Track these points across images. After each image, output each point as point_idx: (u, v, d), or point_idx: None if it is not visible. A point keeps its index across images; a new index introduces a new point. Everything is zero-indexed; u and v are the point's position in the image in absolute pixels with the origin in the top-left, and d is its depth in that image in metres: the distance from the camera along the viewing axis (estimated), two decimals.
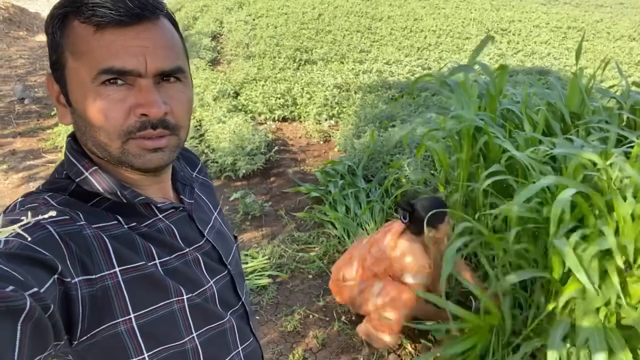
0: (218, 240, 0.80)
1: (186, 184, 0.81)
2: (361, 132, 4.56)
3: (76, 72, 0.61)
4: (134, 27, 0.60)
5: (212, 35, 8.58)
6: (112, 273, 0.60)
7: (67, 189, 0.65)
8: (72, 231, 0.58)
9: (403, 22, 11.12)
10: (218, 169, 3.98)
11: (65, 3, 0.61)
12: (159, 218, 0.71)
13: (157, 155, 0.65)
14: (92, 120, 0.62)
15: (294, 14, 10.88)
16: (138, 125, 0.62)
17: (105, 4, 0.58)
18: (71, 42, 0.61)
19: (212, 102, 5.00)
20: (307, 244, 3.25)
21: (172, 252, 0.69)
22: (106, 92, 0.60)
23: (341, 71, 6.56)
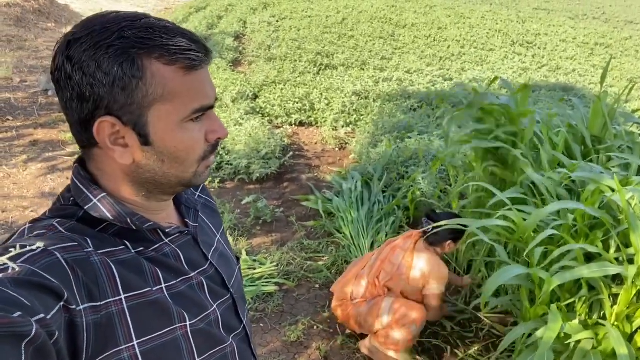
0: (221, 264, 0.81)
1: (190, 207, 0.82)
2: (377, 141, 4.53)
3: (167, 112, 0.64)
4: (205, 67, 0.67)
5: (235, 36, 8.64)
6: (117, 300, 0.61)
7: (74, 216, 0.66)
8: (79, 258, 0.59)
9: (427, 30, 11.05)
10: (232, 172, 3.99)
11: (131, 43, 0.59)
12: (165, 242, 0.72)
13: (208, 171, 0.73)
14: (180, 154, 0.67)
15: (318, 18, 10.90)
16: (210, 149, 0.70)
17: (191, 48, 0.63)
18: (158, 84, 0.62)
19: (230, 104, 5.02)
20: (317, 252, 3.24)
21: (178, 277, 0.70)
22: (191, 126, 0.66)
23: (361, 78, 6.54)
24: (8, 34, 7.77)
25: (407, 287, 2.27)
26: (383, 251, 2.40)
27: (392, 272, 2.29)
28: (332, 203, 3.54)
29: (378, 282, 2.31)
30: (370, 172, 3.91)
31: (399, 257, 2.31)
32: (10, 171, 4.00)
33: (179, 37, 0.63)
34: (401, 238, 2.43)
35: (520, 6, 17.61)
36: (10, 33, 7.77)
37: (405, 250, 2.32)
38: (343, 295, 2.39)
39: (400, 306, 2.21)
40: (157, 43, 0.61)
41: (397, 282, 2.28)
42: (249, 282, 2.87)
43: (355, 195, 3.61)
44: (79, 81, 0.60)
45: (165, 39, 0.61)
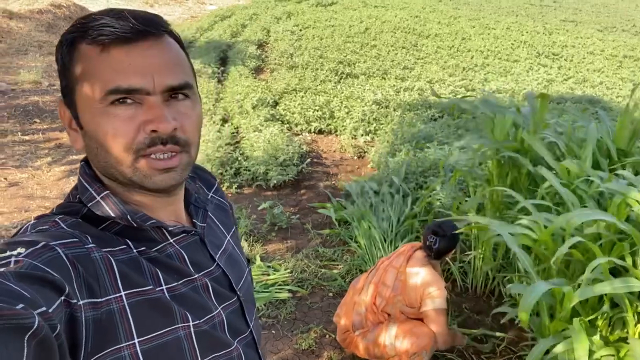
0: (229, 265, 0.79)
1: (200, 207, 0.80)
2: (396, 150, 4.49)
3: (85, 94, 0.61)
4: (139, 44, 0.61)
5: (258, 44, 8.74)
6: (118, 297, 0.60)
7: (78, 213, 0.65)
8: (80, 254, 0.58)
9: (450, 40, 10.98)
10: (250, 177, 4.01)
11: (73, 29, 0.62)
12: (169, 243, 0.70)
13: (169, 175, 0.65)
14: (103, 141, 0.62)
15: (341, 27, 10.95)
16: (148, 142, 0.62)
17: (110, 24, 0.59)
18: (79, 65, 0.62)
19: (250, 110, 5.06)
20: (331, 260, 3.21)
21: (180, 278, 0.68)
22: (115, 111, 0.61)
23: (382, 87, 6.52)
24: (39, 40, 8.02)
25: (405, 308, 2.17)
26: (376, 273, 2.30)
27: (387, 295, 2.19)
28: (347, 211, 3.51)
29: (376, 308, 2.21)
30: (388, 182, 3.88)
31: (391, 276, 2.22)
32: (34, 172, 4.10)
33: (105, 16, 0.60)
34: (394, 255, 2.34)
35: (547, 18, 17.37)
36: (42, 38, 8.03)
37: (397, 268, 2.23)
38: (345, 326, 2.30)
39: (405, 334, 2.10)
40: (89, 25, 0.60)
41: (393, 304, 2.18)
42: (262, 288, 2.86)
43: (371, 204, 3.57)
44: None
45: (94, 20, 0.60)
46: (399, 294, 2.17)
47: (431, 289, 2.11)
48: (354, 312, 2.28)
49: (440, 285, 2.12)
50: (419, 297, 2.13)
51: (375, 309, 2.22)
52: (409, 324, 2.15)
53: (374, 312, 2.22)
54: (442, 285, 2.13)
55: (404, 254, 2.28)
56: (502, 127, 2.72)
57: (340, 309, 2.39)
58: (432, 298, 2.11)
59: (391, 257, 2.34)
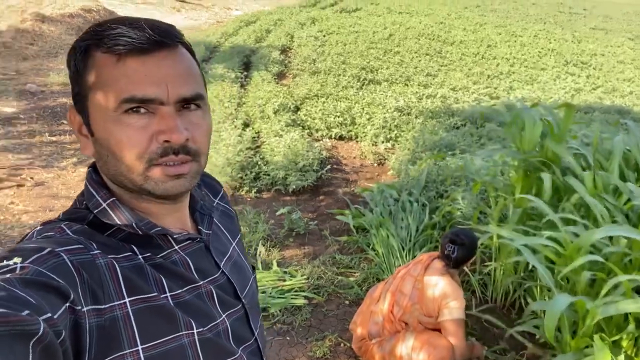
0: (234, 273, 0.79)
1: (205, 214, 0.80)
2: (417, 158, 4.44)
3: (99, 102, 0.62)
4: (155, 55, 0.62)
5: (282, 49, 8.79)
6: (122, 303, 0.60)
7: (85, 219, 0.66)
8: (85, 260, 0.59)
9: (475, 47, 10.86)
10: (269, 182, 4.02)
11: (87, 36, 0.63)
12: (174, 249, 0.71)
13: (179, 182, 0.65)
14: (115, 149, 0.63)
15: (364, 33, 10.94)
16: (160, 152, 0.63)
17: (127, 34, 0.60)
18: (93, 73, 0.62)
19: (272, 115, 5.08)
20: (348, 268, 3.19)
21: (184, 285, 0.69)
22: (128, 120, 0.62)
23: (404, 94, 6.47)
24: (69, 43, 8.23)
25: (423, 317, 2.12)
26: (394, 281, 2.27)
27: (404, 304, 2.15)
28: (365, 219, 3.48)
29: (393, 317, 2.18)
30: (408, 190, 3.83)
31: (409, 285, 2.18)
32: (60, 172, 4.20)
33: (121, 26, 0.61)
34: (411, 264, 2.31)
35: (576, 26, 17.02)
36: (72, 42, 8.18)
37: (414, 277, 2.20)
38: (362, 335, 2.27)
39: (422, 345, 2.05)
40: (105, 33, 0.61)
41: (411, 313, 2.14)
42: (278, 293, 2.86)
43: (390, 212, 3.54)
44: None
45: (110, 29, 0.61)
46: (416, 302, 2.14)
47: (449, 299, 2.07)
48: (371, 322, 2.25)
49: (459, 296, 2.08)
50: (436, 307, 2.09)
51: (392, 318, 2.19)
52: (427, 335, 2.11)
53: (391, 321, 2.19)
54: (460, 296, 2.08)
55: (421, 262, 2.25)
56: (529, 137, 2.66)
57: (356, 317, 2.37)
58: (450, 308, 2.07)
59: (409, 265, 2.30)
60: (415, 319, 2.15)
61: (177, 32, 0.66)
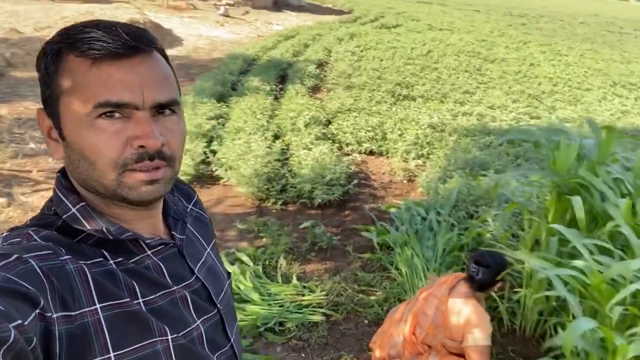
0: (209, 278, 0.78)
1: (178, 219, 0.79)
2: (448, 176, 4.32)
3: (71, 106, 0.61)
4: (130, 60, 0.61)
5: (318, 63, 8.85)
6: (93, 309, 0.59)
7: (53, 225, 0.65)
8: (54, 266, 0.58)
9: (517, 66, 10.59)
10: (295, 195, 4.00)
11: (59, 39, 0.62)
12: (147, 255, 0.70)
13: (153, 187, 0.65)
14: (87, 154, 0.62)
15: (403, 49, 10.88)
16: (135, 157, 0.62)
17: (101, 38, 0.60)
18: (66, 76, 0.61)
19: (302, 128, 5.09)
20: (370, 286, 3.10)
21: (158, 290, 0.67)
22: (102, 125, 0.61)
23: (439, 110, 6.35)
24: None
25: (447, 340, 2.02)
26: (417, 302, 2.18)
27: (427, 325, 2.04)
28: (390, 236, 3.39)
29: (415, 339, 2.08)
30: (437, 208, 3.72)
31: (432, 307, 2.07)
32: None
33: (95, 30, 0.60)
34: (435, 285, 2.21)
35: (625, 46, 16.38)
36: None
37: (439, 298, 2.09)
38: (381, 357, 2.18)
39: None
40: (78, 37, 0.60)
41: (434, 336, 2.03)
42: (296, 308, 2.80)
43: (417, 230, 3.43)
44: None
45: (84, 33, 0.60)
46: (439, 325, 2.04)
47: (474, 324, 1.96)
48: (390, 344, 2.16)
49: (484, 320, 1.96)
50: (460, 331, 1.98)
51: (414, 340, 2.09)
52: (451, 357, 2.01)
53: (413, 342, 2.10)
54: (486, 321, 1.97)
55: (446, 284, 2.15)
56: (564, 159, 2.53)
57: (376, 337, 2.29)
58: (474, 335, 1.95)
59: (433, 286, 2.21)
60: (439, 342, 2.05)
61: (151, 37, 0.65)
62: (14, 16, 9.67)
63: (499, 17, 23.31)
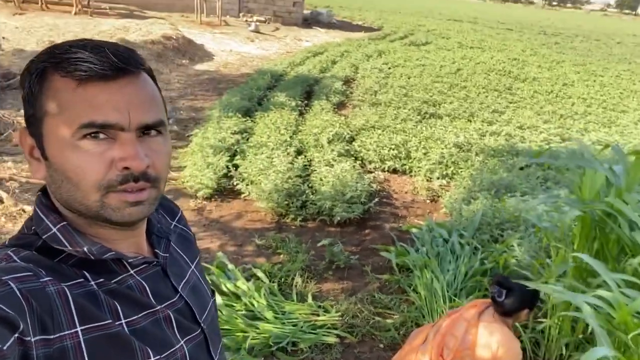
0: (193, 297, 0.77)
1: (162, 237, 0.78)
2: (473, 197, 4.20)
3: (55, 126, 0.61)
4: (117, 81, 0.61)
5: (345, 80, 8.86)
6: (73, 333, 0.58)
7: (33, 245, 0.64)
8: (34, 288, 0.56)
9: (550, 85, 10.36)
10: (315, 211, 3.96)
11: (44, 57, 0.62)
12: (129, 274, 0.69)
13: (137, 208, 0.64)
14: (71, 175, 0.61)
15: (431, 67, 10.81)
16: (120, 179, 0.62)
17: (88, 59, 0.59)
18: (50, 96, 0.61)
19: (325, 144, 5.07)
20: (387, 308, 3.02)
21: (141, 310, 0.67)
22: (86, 146, 0.60)
23: (466, 129, 6.24)
24: None
25: None
26: (444, 323, 2.12)
27: (455, 347, 1.99)
28: (410, 257, 3.30)
29: None
30: (460, 230, 3.61)
31: (461, 329, 2.01)
32: None
33: (82, 50, 0.60)
34: (464, 308, 2.13)
35: None
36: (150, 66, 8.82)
37: (468, 320, 2.01)
38: None
39: None
40: (64, 57, 0.60)
41: (461, 359, 1.98)
42: (310, 328, 2.75)
43: (438, 252, 3.34)
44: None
45: (70, 53, 0.60)
46: (467, 348, 1.96)
47: (504, 350, 1.88)
48: None
49: (515, 346, 1.89)
50: (489, 356, 1.91)
51: None
52: None
53: None
54: (516, 348, 1.89)
55: (475, 307, 2.08)
56: (591, 185, 2.42)
57: (397, 356, 2.21)
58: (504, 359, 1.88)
59: (460, 309, 2.14)
60: None
61: (139, 58, 0.65)
62: (55, 29, 10.09)
63: (532, 35, 22.97)
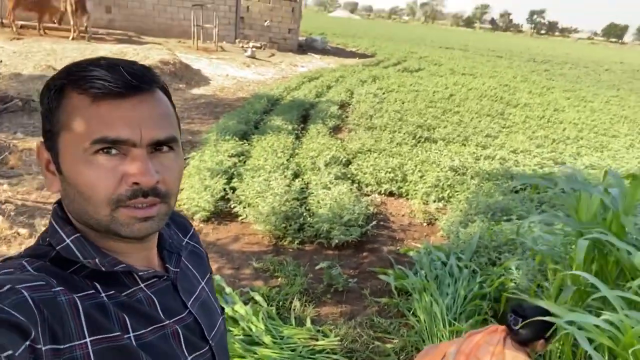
0: (202, 313, 0.78)
1: (173, 252, 0.79)
2: (470, 220, 4.22)
3: (69, 141, 0.63)
4: (131, 99, 0.63)
5: (341, 104, 8.97)
6: (83, 343, 0.59)
7: (47, 256, 0.65)
8: (46, 297, 0.57)
9: (541, 111, 10.54)
10: (313, 234, 3.95)
11: (63, 75, 0.64)
12: (140, 287, 0.70)
13: (146, 224, 0.65)
14: (83, 189, 0.63)
15: (425, 92, 10.97)
16: (129, 194, 0.63)
17: (103, 77, 0.61)
18: (67, 112, 0.63)
19: (322, 167, 5.09)
20: (386, 332, 2.98)
21: (149, 325, 0.67)
22: (98, 161, 0.62)
23: (461, 153, 6.30)
24: None
25: None
26: (464, 344, 2.08)
27: None
28: (408, 281, 3.29)
29: None
30: (457, 253, 3.61)
31: (486, 354, 1.98)
32: None
33: (98, 68, 0.62)
34: (484, 332, 2.11)
35: None
36: None
37: (493, 345, 1.99)
38: None
39: None
40: (81, 75, 0.62)
41: None
42: (309, 353, 2.70)
43: (436, 276, 3.33)
44: None
45: (87, 71, 0.62)
46: None
47: None
48: None
49: None
50: None
51: None
52: None
53: None
54: None
55: (497, 333, 2.06)
56: (587, 208, 2.45)
57: None
58: None
59: (480, 332, 2.11)
60: None
61: (154, 76, 0.67)
62: (52, 54, 10.17)
63: (521, 63, 23.46)
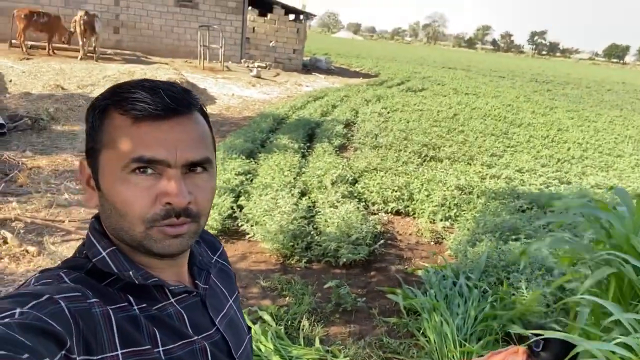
0: (229, 331, 0.79)
1: (203, 269, 0.82)
2: (477, 240, 4.21)
3: (109, 159, 0.66)
4: (168, 121, 0.66)
5: (346, 123, 9.03)
6: (114, 355, 0.60)
7: (83, 267, 0.68)
8: (82, 308, 0.60)
9: (545, 130, 10.57)
10: (320, 253, 3.94)
11: (107, 95, 0.68)
12: (170, 302, 0.72)
13: (177, 241, 0.68)
14: (119, 206, 0.66)
15: (429, 112, 11.05)
16: (163, 214, 0.65)
17: (144, 99, 0.64)
18: (109, 132, 0.66)
19: (329, 186, 5.10)
20: (396, 353, 2.95)
21: (178, 340, 0.69)
22: (135, 179, 0.65)
23: (466, 172, 6.31)
24: None
25: None
26: None
27: None
28: (417, 300, 3.27)
29: None
30: (466, 273, 3.59)
31: None
32: None
33: (140, 91, 0.65)
34: (505, 352, 2.10)
35: None
36: None
37: None
38: None
39: None
40: (124, 96, 0.65)
41: None
42: None
43: (446, 295, 3.30)
44: None
45: (130, 93, 0.65)
46: None
47: None
48: None
49: None
50: None
51: None
52: None
53: None
54: None
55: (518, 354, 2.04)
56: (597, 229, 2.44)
57: None
58: None
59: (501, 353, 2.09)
60: None
61: (192, 99, 0.70)
62: (61, 74, 10.33)
63: (524, 83, 23.62)
